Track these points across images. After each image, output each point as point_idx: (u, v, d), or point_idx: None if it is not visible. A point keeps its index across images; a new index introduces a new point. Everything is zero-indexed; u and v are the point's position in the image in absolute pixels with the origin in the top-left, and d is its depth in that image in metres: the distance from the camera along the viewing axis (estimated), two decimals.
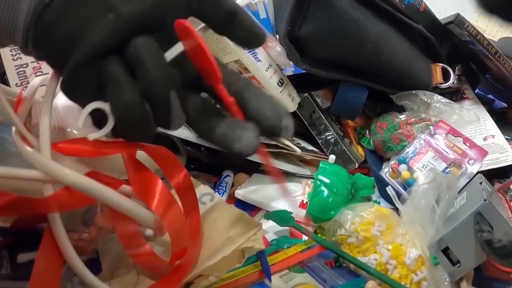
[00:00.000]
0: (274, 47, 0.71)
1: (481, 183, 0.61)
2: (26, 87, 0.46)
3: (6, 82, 0.64)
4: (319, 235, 0.63)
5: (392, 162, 0.71)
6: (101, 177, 0.39)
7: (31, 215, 0.43)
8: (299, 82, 0.77)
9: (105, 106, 0.32)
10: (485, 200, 0.52)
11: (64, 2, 0.29)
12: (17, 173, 0.38)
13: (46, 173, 0.37)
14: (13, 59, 0.65)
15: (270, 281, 0.50)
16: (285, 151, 0.70)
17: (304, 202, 0.67)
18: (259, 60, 0.70)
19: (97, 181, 0.36)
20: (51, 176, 0.37)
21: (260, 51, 0.70)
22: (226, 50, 0.70)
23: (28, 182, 0.38)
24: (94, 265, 0.44)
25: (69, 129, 0.50)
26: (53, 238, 0.38)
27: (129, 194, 0.39)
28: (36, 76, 0.64)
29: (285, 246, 0.58)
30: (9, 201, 0.37)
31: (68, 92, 0.33)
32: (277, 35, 0.74)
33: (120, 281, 0.45)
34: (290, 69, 0.77)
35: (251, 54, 0.69)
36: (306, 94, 0.78)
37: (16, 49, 0.66)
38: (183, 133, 0.61)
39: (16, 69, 0.65)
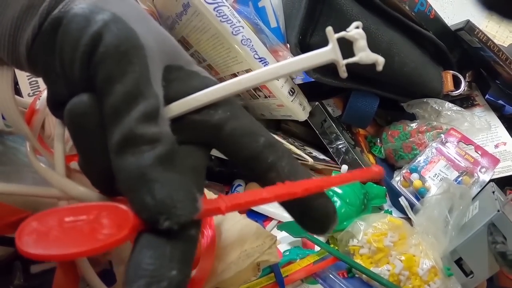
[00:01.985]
0: (285, 56, 0.71)
1: (493, 192, 0.61)
2: (39, 98, 0.47)
3: (18, 92, 0.64)
4: (331, 246, 0.63)
5: (404, 171, 0.71)
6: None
7: None
8: (310, 91, 0.77)
9: None
10: (498, 210, 0.52)
11: (39, 45, 0.28)
12: (32, 191, 0.38)
13: (61, 191, 0.37)
14: None
15: None
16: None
17: None
18: None
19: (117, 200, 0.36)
20: (66, 194, 0.37)
21: (271, 60, 0.71)
22: (237, 59, 0.71)
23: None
24: (107, 276, 0.44)
25: None
26: None
27: None
28: None
29: (298, 257, 0.58)
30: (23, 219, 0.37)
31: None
32: (288, 44, 0.74)
33: None
34: (300, 78, 0.77)
35: (262, 63, 0.70)
36: (317, 103, 0.78)
37: None
38: None
39: (28, 79, 0.65)
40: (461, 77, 0.80)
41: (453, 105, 0.77)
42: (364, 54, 0.25)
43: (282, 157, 0.28)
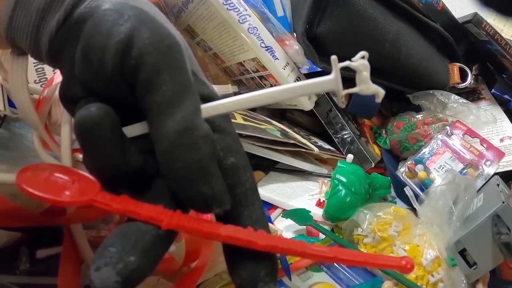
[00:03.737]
0: (291, 45, 0.71)
1: (498, 185, 0.61)
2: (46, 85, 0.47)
3: None
4: (336, 234, 0.64)
5: (409, 162, 0.71)
6: None
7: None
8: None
9: None
10: (503, 202, 0.52)
11: (61, 43, 0.29)
12: None
13: None
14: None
15: (290, 280, 0.50)
16: (303, 150, 0.71)
17: (321, 201, 0.67)
18: (277, 58, 0.70)
19: None
20: None
21: (277, 49, 0.70)
22: (243, 48, 0.71)
23: None
24: None
25: None
26: (72, 239, 0.39)
27: None
28: (54, 73, 0.64)
29: None
30: (28, 215, 0.37)
31: None
32: (295, 33, 0.74)
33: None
34: (305, 67, 0.77)
35: (269, 52, 0.70)
36: (323, 93, 0.78)
37: None
38: None
39: (34, 66, 0.65)
40: (467, 70, 0.79)
41: (459, 97, 0.76)
42: (364, 86, 0.25)
43: (240, 185, 0.28)
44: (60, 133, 0.41)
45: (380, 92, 0.25)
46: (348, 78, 0.28)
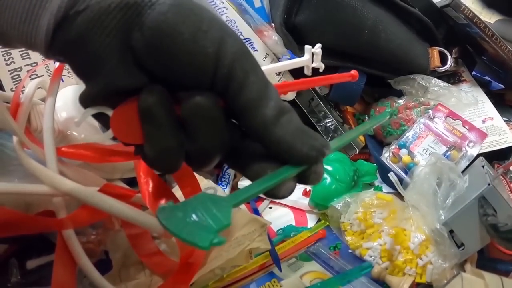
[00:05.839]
0: (270, 36, 0.70)
1: (483, 166, 0.61)
2: (22, 91, 0.46)
3: (1, 88, 0.63)
4: (323, 222, 0.64)
5: (393, 147, 0.71)
6: (115, 190, 0.40)
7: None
8: (296, 70, 0.76)
9: (107, 111, 0.28)
10: (489, 184, 0.53)
11: (88, 23, 0.26)
12: (24, 189, 0.37)
13: (52, 187, 0.36)
14: (6, 64, 0.63)
15: (281, 271, 0.50)
16: None
17: (307, 190, 0.67)
18: (256, 50, 0.70)
19: (111, 194, 0.36)
20: (57, 191, 0.37)
21: (256, 40, 0.70)
22: None
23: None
24: (103, 266, 0.44)
25: (69, 132, 0.49)
26: (65, 245, 0.38)
27: (141, 203, 0.40)
28: (31, 79, 0.62)
29: (291, 235, 0.59)
30: (20, 220, 0.36)
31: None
32: (273, 24, 0.73)
33: (135, 285, 0.45)
34: (286, 57, 0.77)
35: (248, 44, 0.69)
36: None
37: (8, 54, 0.64)
38: None
39: (10, 74, 0.63)
40: (447, 53, 0.80)
41: (440, 81, 0.77)
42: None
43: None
44: (42, 139, 0.40)
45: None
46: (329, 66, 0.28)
